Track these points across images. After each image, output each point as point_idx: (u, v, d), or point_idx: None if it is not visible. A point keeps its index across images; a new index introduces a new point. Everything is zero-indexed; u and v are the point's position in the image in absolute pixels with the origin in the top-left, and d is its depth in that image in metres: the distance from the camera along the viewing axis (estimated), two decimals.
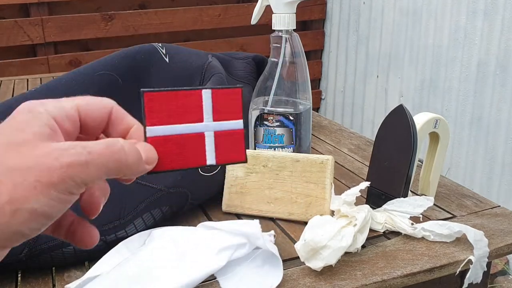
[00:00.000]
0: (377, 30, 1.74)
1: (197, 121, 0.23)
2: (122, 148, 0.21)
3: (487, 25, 1.30)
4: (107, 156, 0.20)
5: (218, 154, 0.24)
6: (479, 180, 1.37)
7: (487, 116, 1.33)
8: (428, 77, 1.54)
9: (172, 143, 0.23)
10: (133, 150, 0.21)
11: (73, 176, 0.19)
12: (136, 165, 0.21)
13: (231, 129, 0.24)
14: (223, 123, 0.24)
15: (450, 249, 0.43)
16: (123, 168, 0.21)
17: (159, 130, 0.23)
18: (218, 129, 0.24)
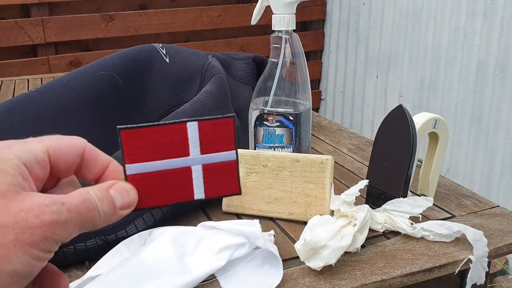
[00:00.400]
0: (377, 30, 1.74)
1: (183, 156, 0.22)
2: (94, 205, 0.20)
3: (487, 26, 1.30)
4: (83, 214, 0.20)
5: (208, 188, 0.23)
6: (478, 180, 1.37)
7: (487, 116, 1.33)
8: (427, 78, 1.54)
9: (155, 180, 0.22)
10: (106, 204, 0.21)
11: (53, 235, 0.19)
12: (110, 216, 0.21)
13: (222, 161, 0.23)
14: (213, 156, 0.23)
15: (449, 248, 0.43)
16: (96, 224, 0.21)
17: (139, 167, 0.22)
18: (207, 162, 0.23)
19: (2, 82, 1.11)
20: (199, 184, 0.23)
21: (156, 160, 0.22)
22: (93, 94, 0.55)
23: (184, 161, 0.22)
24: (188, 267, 0.38)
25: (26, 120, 0.51)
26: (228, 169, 0.23)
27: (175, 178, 0.22)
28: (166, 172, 0.22)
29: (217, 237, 0.41)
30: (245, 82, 0.67)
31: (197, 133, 0.22)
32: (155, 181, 0.22)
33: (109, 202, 0.21)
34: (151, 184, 0.22)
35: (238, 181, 0.23)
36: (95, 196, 0.20)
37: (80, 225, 0.20)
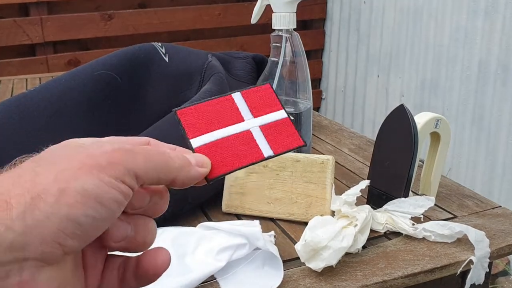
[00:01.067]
0: (378, 29, 1.74)
1: (238, 122, 0.24)
2: (167, 152, 0.20)
3: (488, 25, 1.30)
4: (152, 151, 0.19)
5: (273, 145, 0.24)
6: (480, 180, 1.36)
7: (488, 115, 1.33)
8: (429, 77, 1.54)
9: (222, 147, 0.23)
10: (179, 155, 0.21)
11: (121, 161, 0.17)
12: (186, 168, 0.20)
13: (275, 120, 0.24)
14: (265, 117, 0.24)
15: (451, 249, 0.42)
16: (171, 169, 0.20)
17: (203, 139, 0.23)
18: (262, 123, 0.24)
19: (1, 82, 1.10)
20: (263, 143, 0.23)
21: (216, 129, 0.23)
22: (92, 93, 0.54)
23: (242, 125, 0.24)
24: (187, 267, 0.38)
25: (24, 119, 0.51)
26: (284, 126, 0.24)
27: (239, 142, 0.23)
28: (228, 138, 0.23)
29: (217, 238, 0.40)
30: (245, 82, 0.66)
31: (243, 101, 0.24)
32: (221, 149, 0.23)
33: (181, 156, 0.21)
34: (218, 152, 0.23)
35: (299, 134, 0.24)
36: (167, 148, 0.21)
37: (152, 162, 0.19)
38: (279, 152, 0.24)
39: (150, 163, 0.19)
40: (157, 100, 0.58)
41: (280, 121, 0.24)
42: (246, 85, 0.66)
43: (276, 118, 0.24)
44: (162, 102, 0.59)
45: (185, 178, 0.20)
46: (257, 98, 0.24)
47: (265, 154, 0.23)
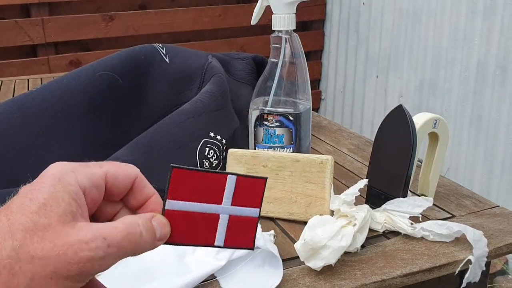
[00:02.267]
0: (377, 30, 1.74)
1: (216, 203, 0.24)
2: (141, 234, 0.22)
3: (487, 26, 1.30)
4: (125, 247, 0.21)
5: (228, 237, 0.25)
6: (478, 180, 1.37)
7: (487, 116, 1.33)
8: (427, 78, 1.54)
9: (188, 219, 0.24)
10: (150, 233, 0.22)
11: (89, 270, 0.20)
12: (149, 246, 0.22)
13: (246, 215, 0.25)
14: (240, 209, 0.25)
15: (449, 249, 0.43)
16: (137, 252, 0.22)
17: (178, 205, 0.23)
18: (234, 213, 0.25)
19: (2, 82, 1.11)
20: (221, 232, 0.25)
21: (193, 201, 0.24)
22: (93, 94, 0.55)
23: (216, 208, 0.24)
24: (188, 267, 0.38)
25: (25, 120, 0.51)
26: (249, 225, 0.25)
27: (204, 222, 0.24)
28: (198, 214, 0.24)
29: None
30: (245, 82, 0.67)
31: (233, 186, 0.25)
32: (186, 221, 0.24)
33: (151, 233, 0.22)
34: (182, 222, 0.24)
35: (254, 238, 0.26)
36: (142, 227, 0.22)
37: (120, 257, 0.21)
38: (227, 246, 0.25)
39: (116, 260, 0.21)
40: (157, 100, 0.59)
41: (248, 219, 0.25)
42: (246, 85, 0.67)
43: (248, 215, 0.25)
44: (162, 102, 0.59)
45: (145, 251, 0.23)
46: (246, 189, 0.25)
47: (216, 243, 0.25)
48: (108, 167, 0.23)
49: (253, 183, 0.25)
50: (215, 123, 0.53)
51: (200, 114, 0.53)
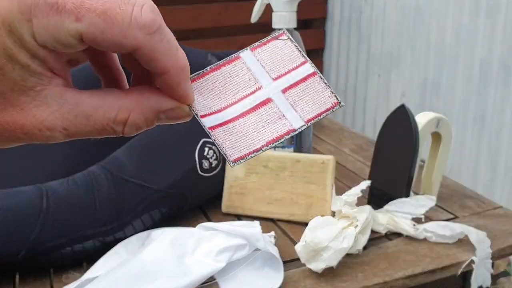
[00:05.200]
0: (379, 29, 1.74)
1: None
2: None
3: (490, 24, 1.29)
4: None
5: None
6: (482, 180, 1.36)
7: (490, 115, 1.33)
8: (430, 77, 1.53)
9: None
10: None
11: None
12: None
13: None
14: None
15: (452, 250, 0.42)
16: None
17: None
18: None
19: None
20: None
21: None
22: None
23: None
24: (187, 268, 0.38)
25: None
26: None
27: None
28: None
29: (216, 239, 0.40)
30: None
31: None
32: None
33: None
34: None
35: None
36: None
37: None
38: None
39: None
40: None
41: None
42: None
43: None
44: None
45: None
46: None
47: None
48: (88, 25, 0.15)
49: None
50: None
51: None
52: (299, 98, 0.19)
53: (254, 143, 0.19)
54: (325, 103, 0.19)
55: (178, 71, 0.17)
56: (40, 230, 0.39)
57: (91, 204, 0.41)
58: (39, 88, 0.15)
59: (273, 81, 0.19)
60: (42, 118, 0.16)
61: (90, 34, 0.15)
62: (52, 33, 0.15)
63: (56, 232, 0.40)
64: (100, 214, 0.41)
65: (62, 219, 0.40)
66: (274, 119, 0.19)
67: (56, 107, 0.16)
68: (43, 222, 0.39)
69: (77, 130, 0.16)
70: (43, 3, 0.14)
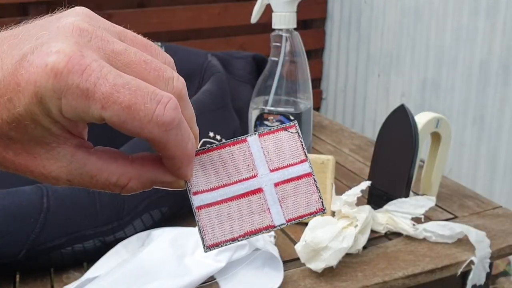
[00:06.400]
0: (379, 29, 1.74)
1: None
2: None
3: (489, 25, 1.30)
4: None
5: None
6: (481, 180, 1.36)
7: (490, 115, 1.33)
8: (430, 77, 1.53)
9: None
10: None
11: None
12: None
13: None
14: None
15: (451, 250, 0.42)
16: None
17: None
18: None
19: None
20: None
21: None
22: None
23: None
24: (187, 268, 0.38)
25: None
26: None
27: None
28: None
29: None
30: (245, 81, 0.66)
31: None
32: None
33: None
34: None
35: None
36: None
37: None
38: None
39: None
40: None
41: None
42: (246, 85, 0.66)
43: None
44: None
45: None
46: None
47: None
48: (111, 115, 0.16)
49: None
50: (214, 123, 0.53)
51: (200, 113, 0.52)
52: (287, 195, 0.20)
53: (233, 231, 0.19)
54: (310, 207, 0.20)
55: (183, 159, 0.18)
56: (41, 230, 0.39)
57: (91, 203, 0.41)
58: (54, 145, 0.17)
59: (269, 172, 0.20)
60: (50, 169, 0.17)
61: (112, 121, 0.16)
62: (77, 113, 0.16)
63: (56, 232, 0.40)
64: (101, 213, 0.41)
65: (63, 219, 0.40)
66: (259, 210, 0.19)
67: (65, 163, 0.17)
68: (44, 221, 0.39)
69: (79, 183, 0.18)
70: (76, 87, 0.15)
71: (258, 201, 0.19)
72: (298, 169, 0.20)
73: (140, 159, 0.19)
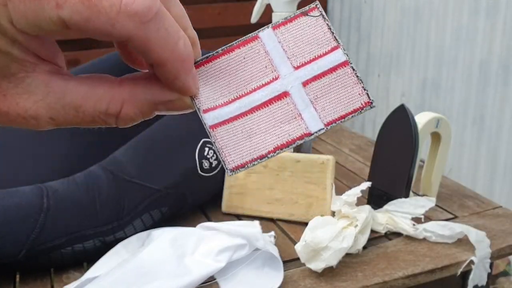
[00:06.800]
0: (379, 29, 1.74)
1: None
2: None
3: (489, 25, 1.29)
4: None
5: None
6: (481, 180, 1.36)
7: (490, 115, 1.33)
8: (430, 77, 1.53)
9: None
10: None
11: None
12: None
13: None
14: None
15: (451, 250, 0.42)
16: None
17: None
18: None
19: None
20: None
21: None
22: None
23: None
24: (187, 268, 0.38)
25: None
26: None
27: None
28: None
29: (216, 238, 0.40)
30: None
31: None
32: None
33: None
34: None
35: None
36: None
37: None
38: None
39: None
40: None
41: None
42: None
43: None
44: None
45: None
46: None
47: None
48: (71, 13, 0.13)
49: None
50: None
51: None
52: (322, 94, 0.16)
53: (259, 148, 0.16)
54: (353, 102, 0.16)
55: (176, 64, 0.15)
56: (41, 230, 0.39)
57: (91, 204, 0.41)
58: (21, 74, 0.14)
59: (294, 70, 0.16)
60: (26, 107, 0.14)
61: (74, 22, 0.13)
62: (31, 20, 0.13)
63: (56, 232, 0.40)
64: (101, 214, 0.41)
65: (63, 219, 0.40)
66: (288, 118, 0.16)
67: (40, 96, 0.14)
68: (44, 221, 0.39)
69: (65, 120, 0.15)
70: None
71: (285, 108, 0.16)
72: (329, 60, 0.16)
73: (131, 79, 0.16)
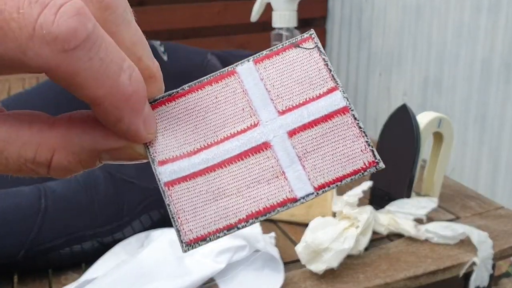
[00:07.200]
0: (380, 27, 1.73)
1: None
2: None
3: (491, 22, 1.29)
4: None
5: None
6: (483, 180, 1.36)
7: (492, 114, 1.32)
8: (431, 75, 1.53)
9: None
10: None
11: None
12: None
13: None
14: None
15: (454, 251, 0.42)
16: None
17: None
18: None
19: None
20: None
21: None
22: None
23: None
24: (186, 269, 0.38)
25: None
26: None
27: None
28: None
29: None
30: None
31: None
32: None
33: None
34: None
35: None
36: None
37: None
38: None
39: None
40: None
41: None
42: None
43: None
44: None
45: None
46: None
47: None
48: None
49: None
50: None
51: None
52: (312, 148, 0.12)
53: (228, 215, 0.12)
54: (354, 161, 0.12)
55: (117, 103, 0.11)
56: (39, 231, 0.39)
57: (89, 204, 0.41)
58: None
59: (279, 115, 0.12)
60: None
61: None
62: None
63: (54, 233, 0.40)
64: (99, 214, 0.41)
65: (61, 220, 0.40)
66: (268, 177, 0.12)
67: None
68: (42, 222, 0.39)
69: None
70: None
71: (264, 163, 0.12)
72: (324, 104, 0.12)
73: (66, 119, 0.13)
